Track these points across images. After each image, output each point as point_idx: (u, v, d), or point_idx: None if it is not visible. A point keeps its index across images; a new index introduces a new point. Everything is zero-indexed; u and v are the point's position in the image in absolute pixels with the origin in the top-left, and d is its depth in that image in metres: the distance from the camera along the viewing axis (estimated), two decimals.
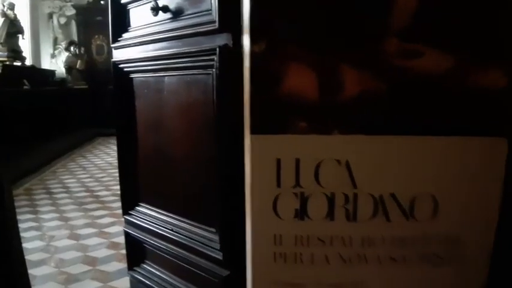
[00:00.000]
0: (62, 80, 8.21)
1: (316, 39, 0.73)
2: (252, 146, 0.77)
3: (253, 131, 0.76)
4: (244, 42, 0.84)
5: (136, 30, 1.55)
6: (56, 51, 8.53)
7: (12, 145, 5.15)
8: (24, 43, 7.14)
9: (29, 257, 2.16)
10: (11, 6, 6.39)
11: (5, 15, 6.27)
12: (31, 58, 7.63)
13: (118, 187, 3.29)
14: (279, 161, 0.76)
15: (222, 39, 1.13)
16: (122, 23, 1.60)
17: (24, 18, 7.28)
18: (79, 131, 7.35)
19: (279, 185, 0.77)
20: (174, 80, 1.41)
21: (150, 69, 1.51)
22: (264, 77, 0.75)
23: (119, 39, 1.62)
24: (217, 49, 1.13)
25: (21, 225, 2.88)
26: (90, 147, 6.37)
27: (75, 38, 8.83)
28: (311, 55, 0.74)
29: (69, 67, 8.20)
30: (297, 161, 0.76)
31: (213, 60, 1.16)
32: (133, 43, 1.54)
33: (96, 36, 8.90)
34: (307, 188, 0.77)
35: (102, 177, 4.26)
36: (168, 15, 1.36)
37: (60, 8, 8.50)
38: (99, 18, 8.75)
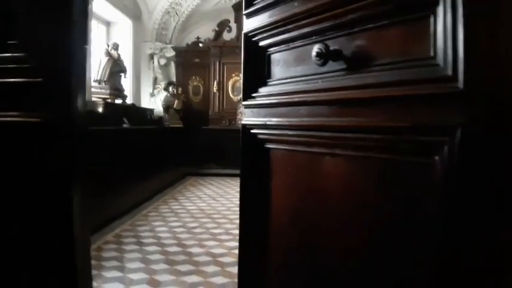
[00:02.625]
0: (160, 119, 8.28)
1: None
2: None
3: None
4: None
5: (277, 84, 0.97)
6: (155, 91, 8.72)
7: (108, 184, 4.98)
8: (126, 82, 7.31)
9: None
10: (115, 47, 6.58)
11: (109, 54, 6.45)
12: (132, 96, 7.81)
13: (212, 243, 2.59)
14: None
15: (463, 112, 0.58)
16: (260, 72, 1.06)
17: (127, 58, 7.53)
18: (172, 170, 7.15)
19: None
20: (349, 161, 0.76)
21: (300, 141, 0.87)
22: None
23: (253, 95, 1.06)
24: (458, 128, 0.56)
25: (105, 274, 2.53)
26: (182, 187, 6.03)
27: (173, 78, 9.01)
28: None
29: (166, 106, 8.27)
30: None
31: (443, 142, 0.60)
32: (273, 103, 0.91)
33: (193, 77, 8.99)
34: None
35: (195, 227, 3.73)
36: (341, 65, 0.74)
37: (161, 50, 8.76)
38: (196, 60, 8.88)
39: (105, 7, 7.06)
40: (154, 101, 8.70)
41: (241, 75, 1.11)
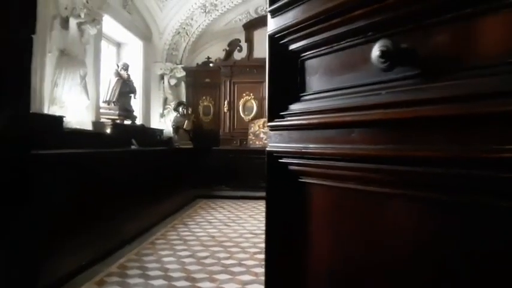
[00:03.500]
0: (169, 139, 8.11)
1: None
2: None
3: None
4: None
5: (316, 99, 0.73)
6: (165, 111, 8.59)
7: (114, 209, 4.75)
8: (136, 102, 7.19)
9: None
10: (125, 67, 6.48)
11: (118, 75, 6.34)
12: (141, 117, 7.67)
13: (223, 277, 2.38)
14: None
15: None
16: (290, 84, 0.81)
17: (137, 79, 7.42)
18: (182, 193, 6.92)
19: None
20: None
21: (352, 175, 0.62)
22: None
23: (282, 113, 0.81)
24: None
25: None
26: (191, 211, 5.77)
27: (183, 98, 8.89)
28: None
29: (176, 127, 8.12)
30: None
31: None
32: (312, 124, 0.70)
33: (204, 97, 8.87)
34: None
35: (205, 257, 3.45)
36: (412, 70, 0.58)
37: (171, 70, 8.68)
38: (207, 80, 8.77)
39: (116, 28, 7.01)
40: (164, 121, 8.56)
41: (266, 86, 0.85)
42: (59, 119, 4.61)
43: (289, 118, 0.78)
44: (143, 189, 5.72)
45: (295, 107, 0.78)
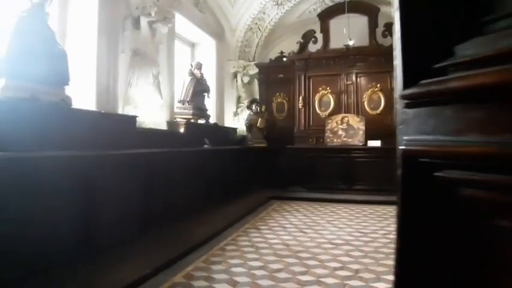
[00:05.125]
0: (242, 138, 7.93)
1: None
2: None
3: None
4: None
5: None
6: (239, 109, 8.42)
7: (185, 211, 4.61)
8: (210, 101, 7.08)
9: None
10: (199, 66, 6.38)
11: (192, 74, 6.26)
12: (215, 116, 7.57)
13: None
14: None
15: None
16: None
17: (210, 78, 7.33)
18: (255, 193, 6.66)
19: None
20: None
21: None
22: None
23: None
24: None
25: None
26: (264, 214, 5.44)
27: (256, 96, 8.64)
28: None
29: (249, 125, 7.89)
30: None
31: None
32: None
33: (277, 94, 8.53)
34: None
35: (278, 270, 3.07)
36: None
37: (244, 68, 8.48)
38: (280, 76, 8.42)
39: (189, 28, 6.97)
40: (237, 120, 8.41)
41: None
42: (132, 119, 4.59)
43: (458, 74, 0.34)
44: (215, 189, 5.56)
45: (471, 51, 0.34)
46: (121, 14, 4.85)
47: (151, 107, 5.16)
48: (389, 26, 7.57)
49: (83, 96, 4.25)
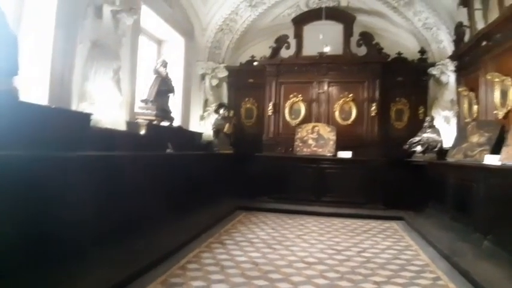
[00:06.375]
0: (208, 144, 7.50)
1: None
2: None
3: None
4: None
5: None
6: (206, 113, 8.00)
7: (141, 223, 4.13)
8: (175, 103, 6.63)
9: None
10: (164, 64, 5.92)
11: (157, 72, 5.79)
12: (180, 119, 7.10)
13: None
14: None
15: None
16: None
17: (177, 78, 6.88)
18: (220, 204, 6.25)
19: None
20: None
21: None
22: None
23: None
24: None
25: None
26: (230, 226, 5.06)
27: (225, 100, 8.28)
28: None
29: (216, 130, 7.49)
30: None
31: None
32: None
33: (247, 99, 8.23)
34: None
35: None
36: None
37: (213, 70, 8.09)
38: (250, 80, 8.13)
39: (157, 24, 6.51)
40: (204, 124, 7.97)
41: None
42: (87, 117, 4.07)
43: None
44: (177, 198, 5.10)
45: None
46: (82, 0, 4.34)
47: (109, 104, 4.65)
48: (364, 36, 7.48)
49: (34, 88, 3.73)
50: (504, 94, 4.72)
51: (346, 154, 6.88)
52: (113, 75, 4.69)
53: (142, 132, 5.20)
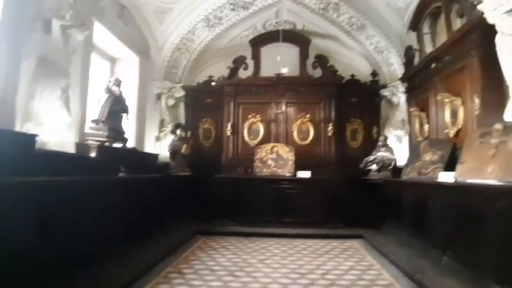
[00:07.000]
0: (165, 166, 7.21)
1: None
2: None
3: None
4: None
5: None
6: (162, 134, 7.72)
7: (89, 253, 3.78)
8: (129, 124, 6.33)
9: None
10: (117, 83, 5.66)
11: (110, 91, 5.52)
12: (134, 140, 6.79)
13: None
14: None
15: None
16: None
17: (131, 98, 6.62)
18: (177, 228, 5.97)
19: None
20: None
21: None
22: None
23: None
24: None
25: None
26: (189, 253, 4.81)
27: (182, 120, 8.07)
28: None
29: (173, 151, 7.22)
30: None
31: None
32: None
33: (204, 120, 8.08)
34: None
35: None
36: None
37: (170, 89, 7.89)
38: (208, 100, 8.02)
39: (110, 41, 6.25)
40: (159, 145, 7.67)
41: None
42: (31, 138, 3.74)
43: None
44: (131, 225, 4.78)
45: None
46: (29, 14, 4.05)
47: (57, 125, 4.32)
48: (319, 58, 7.68)
49: None
50: (454, 113, 4.96)
51: (305, 174, 6.90)
52: (61, 94, 4.38)
53: (93, 154, 4.87)
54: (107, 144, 5.20)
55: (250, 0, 6.87)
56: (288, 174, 6.99)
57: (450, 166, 4.46)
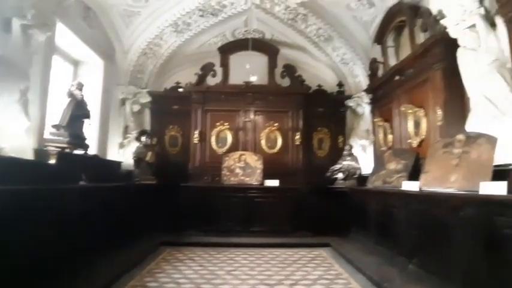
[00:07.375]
0: (129, 174, 6.95)
1: None
2: None
3: None
4: None
5: None
6: (126, 141, 7.46)
7: (50, 270, 3.54)
8: (91, 130, 6.07)
9: None
10: (80, 87, 5.41)
11: (72, 95, 5.26)
12: (96, 147, 6.52)
13: None
14: None
15: None
16: None
17: (94, 103, 6.36)
18: (141, 239, 5.74)
19: None
20: None
21: None
22: None
23: None
24: None
25: None
26: (153, 265, 4.63)
27: (147, 127, 7.85)
28: None
29: (138, 159, 6.98)
30: None
31: None
32: None
33: (171, 127, 7.92)
34: None
35: None
36: None
37: (135, 95, 7.67)
38: (175, 107, 7.87)
39: (74, 43, 6.00)
40: (123, 153, 7.41)
41: None
42: None
43: None
44: (92, 237, 4.54)
45: None
46: None
47: (14, 130, 4.06)
48: (288, 68, 7.76)
49: None
50: (417, 124, 5.15)
51: (273, 182, 6.89)
52: (19, 97, 4.13)
53: (53, 161, 4.61)
54: (67, 150, 4.94)
55: (219, 7, 6.83)
56: (255, 183, 6.95)
57: (414, 175, 4.60)
